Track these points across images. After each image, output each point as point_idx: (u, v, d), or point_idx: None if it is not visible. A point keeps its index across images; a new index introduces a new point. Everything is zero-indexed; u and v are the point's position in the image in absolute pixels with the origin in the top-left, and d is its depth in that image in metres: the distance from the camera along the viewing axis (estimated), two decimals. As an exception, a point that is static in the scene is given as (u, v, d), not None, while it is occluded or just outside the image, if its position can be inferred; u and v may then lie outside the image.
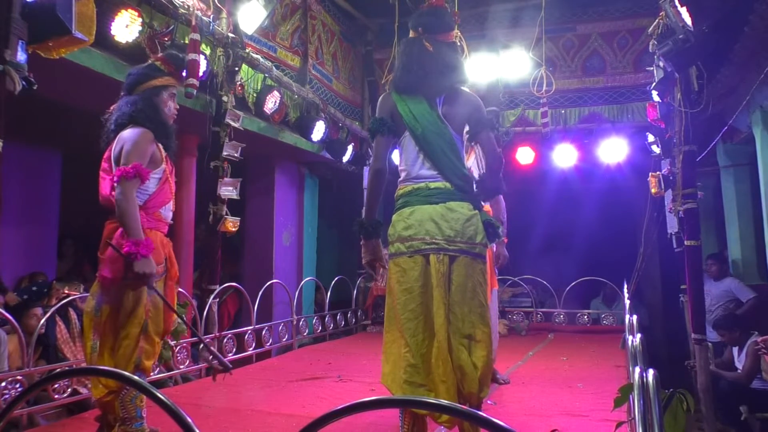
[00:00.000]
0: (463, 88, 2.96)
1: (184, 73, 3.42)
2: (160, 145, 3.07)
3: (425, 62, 2.85)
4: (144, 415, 2.93)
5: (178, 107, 3.24)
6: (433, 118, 2.81)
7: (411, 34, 2.95)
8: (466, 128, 2.93)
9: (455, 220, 2.71)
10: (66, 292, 4.64)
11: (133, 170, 2.83)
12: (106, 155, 3.03)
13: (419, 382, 2.61)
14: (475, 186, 2.88)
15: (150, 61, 3.20)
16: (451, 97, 2.88)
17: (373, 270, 3.05)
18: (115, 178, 2.83)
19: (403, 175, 2.87)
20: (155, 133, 3.00)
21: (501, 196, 4.28)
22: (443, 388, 2.57)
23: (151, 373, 4.31)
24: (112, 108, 3.11)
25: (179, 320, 4.09)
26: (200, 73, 4.75)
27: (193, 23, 4.60)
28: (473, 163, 4.25)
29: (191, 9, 4.67)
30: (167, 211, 3.10)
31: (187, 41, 4.68)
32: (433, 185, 2.77)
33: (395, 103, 2.87)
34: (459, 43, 4.60)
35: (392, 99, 2.90)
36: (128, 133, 2.93)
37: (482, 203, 2.96)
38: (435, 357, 2.62)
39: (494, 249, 4.47)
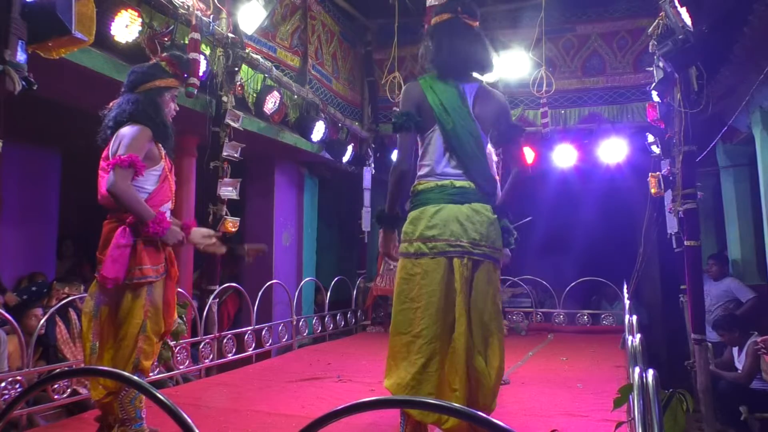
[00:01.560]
0: (491, 88, 2.86)
1: (185, 75, 3.43)
2: (159, 144, 3.08)
3: (471, 42, 2.75)
4: (143, 416, 2.93)
5: (177, 108, 3.24)
6: (464, 114, 2.69)
7: (441, 17, 2.81)
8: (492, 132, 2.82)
9: (480, 223, 2.61)
10: (66, 292, 4.64)
11: (128, 159, 2.83)
12: (104, 154, 3.03)
13: (428, 390, 2.53)
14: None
15: (155, 61, 3.20)
16: (482, 95, 2.77)
17: (392, 259, 2.94)
18: (110, 167, 2.84)
19: (424, 170, 2.73)
20: (155, 132, 3.01)
21: None
22: (453, 397, 2.50)
23: (151, 374, 4.31)
24: (111, 104, 3.12)
25: (178, 320, 4.11)
26: (200, 73, 4.75)
27: (194, 22, 4.61)
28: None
29: (191, 9, 4.67)
30: (167, 210, 3.10)
31: (187, 41, 4.69)
32: (458, 184, 2.65)
33: (424, 94, 2.72)
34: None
35: (420, 89, 2.74)
36: (126, 130, 2.94)
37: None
38: (449, 365, 2.54)
39: None
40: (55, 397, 3.74)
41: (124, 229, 2.92)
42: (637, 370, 2.10)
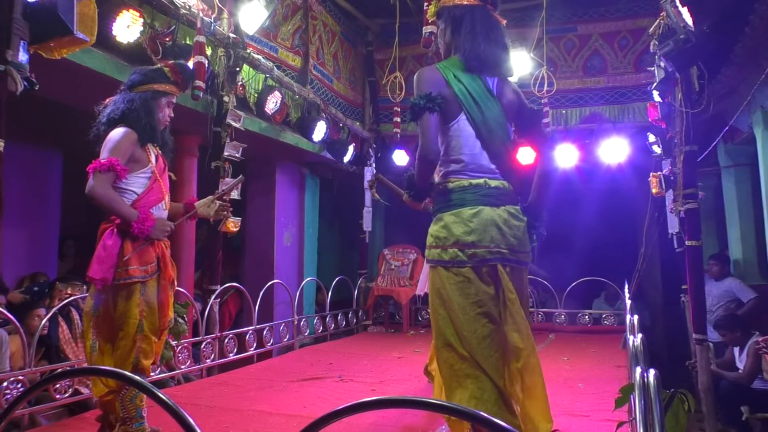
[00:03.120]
0: (507, 79, 2.70)
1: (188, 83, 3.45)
2: (149, 146, 3.09)
3: (499, 35, 2.59)
4: (144, 415, 2.94)
5: (172, 115, 3.26)
6: (494, 104, 2.53)
7: (464, 0, 2.60)
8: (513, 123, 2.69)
9: (517, 228, 2.48)
10: (69, 292, 4.64)
11: (108, 164, 2.87)
12: None
13: (500, 402, 2.36)
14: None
15: (159, 66, 3.23)
16: (503, 86, 2.63)
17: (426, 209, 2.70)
18: (89, 171, 2.87)
19: (454, 165, 2.52)
20: (142, 135, 3.03)
21: None
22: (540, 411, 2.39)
23: (153, 373, 4.32)
24: (108, 100, 3.15)
25: (179, 320, 4.11)
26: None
27: (198, 25, 4.62)
28: None
29: (192, 10, 4.67)
30: (159, 211, 3.10)
31: (188, 42, 4.69)
32: (493, 183, 2.48)
33: (446, 81, 2.49)
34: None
35: (441, 75, 2.50)
36: (112, 133, 2.98)
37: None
38: (523, 378, 2.40)
39: None
40: (57, 396, 3.75)
41: (111, 230, 2.96)
42: (639, 370, 2.10)
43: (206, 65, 4.64)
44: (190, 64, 4.48)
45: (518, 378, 2.41)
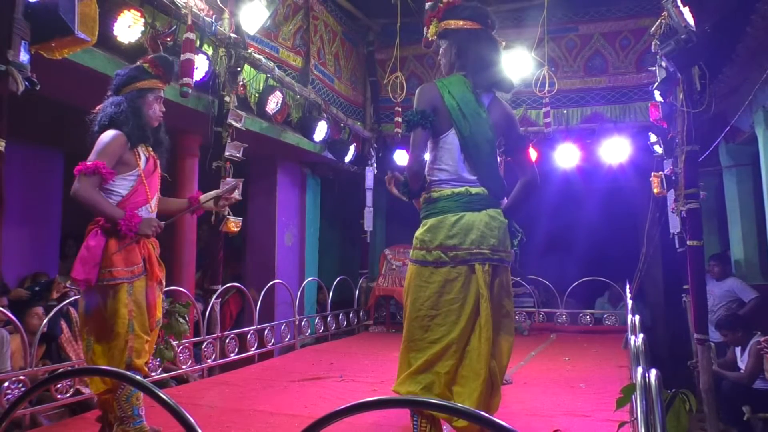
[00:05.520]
0: (501, 98, 2.89)
1: (175, 75, 3.43)
2: (139, 149, 3.10)
3: (498, 59, 2.79)
4: (142, 414, 2.94)
5: (164, 110, 3.25)
6: (482, 120, 2.71)
7: (468, 24, 2.78)
8: (500, 140, 2.85)
9: (497, 228, 2.65)
10: (68, 286, 4.64)
11: (93, 167, 2.89)
12: None
13: (438, 392, 2.55)
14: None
15: (138, 63, 3.22)
16: (496, 104, 2.81)
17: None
18: (76, 173, 2.89)
19: (439, 175, 2.71)
20: (133, 136, 3.04)
21: None
22: (469, 398, 2.51)
23: (154, 373, 4.32)
24: (97, 108, 3.15)
25: (181, 319, 4.12)
26: (198, 73, 4.72)
27: (189, 22, 4.60)
28: None
29: (190, 9, 4.67)
30: (145, 213, 3.09)
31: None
32: (474, 190, 2.67)
33: (441, 96, 2.70)
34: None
35: (437, 91, 2.71)
36: (102, 136, 2.99)
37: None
38: (467, 368, 2.55)
39: None
40: (58, 396, 3.75)
41: (96, 231, 2.96)
42: (640, 370, 2.10)
43: (194, 62, 4.60)
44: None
45: (469, 364, 2.56)
